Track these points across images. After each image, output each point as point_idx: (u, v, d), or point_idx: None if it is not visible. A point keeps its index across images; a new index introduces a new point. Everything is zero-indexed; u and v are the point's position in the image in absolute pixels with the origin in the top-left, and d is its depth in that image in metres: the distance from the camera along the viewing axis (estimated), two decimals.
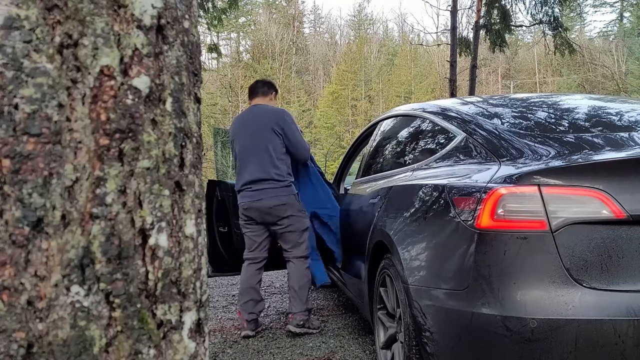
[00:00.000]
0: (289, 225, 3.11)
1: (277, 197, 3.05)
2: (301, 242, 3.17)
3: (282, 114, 3.18)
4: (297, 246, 3.16)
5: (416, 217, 2.00)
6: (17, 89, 0.52)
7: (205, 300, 0.68)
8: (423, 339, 1.80)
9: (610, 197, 1.48)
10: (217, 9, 9.75)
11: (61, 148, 0.54)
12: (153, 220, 0.59)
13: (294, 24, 46.47)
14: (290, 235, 3.14)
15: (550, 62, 38.38)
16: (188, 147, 0.65)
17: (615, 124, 2.08)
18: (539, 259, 1.50)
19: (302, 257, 3.17)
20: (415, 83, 40.45)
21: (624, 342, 1.41)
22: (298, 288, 3.12)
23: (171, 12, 0.63)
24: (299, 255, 3.16)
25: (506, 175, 1.62)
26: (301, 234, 3.17)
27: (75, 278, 0.54)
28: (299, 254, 3.16)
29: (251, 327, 3.10)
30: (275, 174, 3.05)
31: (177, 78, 0.64)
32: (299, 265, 3.16)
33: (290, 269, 3.19)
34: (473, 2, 12.08)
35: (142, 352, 0.58)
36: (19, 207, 0.52)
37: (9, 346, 0.51)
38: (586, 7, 38.86)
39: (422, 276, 1.84)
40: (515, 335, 1.47)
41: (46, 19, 0.53)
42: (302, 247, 3.17)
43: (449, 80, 10.72)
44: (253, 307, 3.14)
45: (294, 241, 3.15)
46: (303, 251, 3.18)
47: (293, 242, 3.15)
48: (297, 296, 3.12)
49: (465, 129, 2.13)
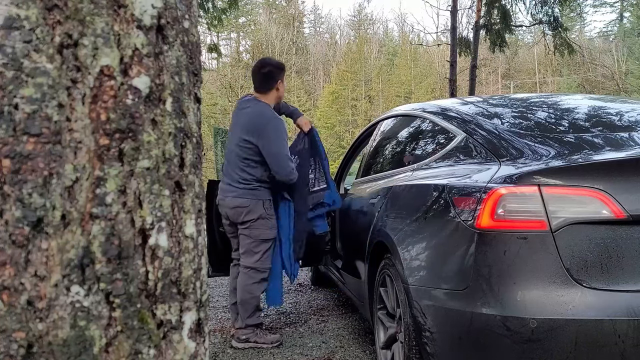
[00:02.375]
0: (246, 229, 2.89)
1: (239, 199, 2.85)
2: (256, 251, 2.90)
3: (265, 126, 2.82)
4: (249, 254, 2.90)
5: (416, 217, 2.00)
6: (17, 89, 0.52)
7: (205, 300, 0.68)
8: (423, 339, 1.80)
9: (610, 197, 1.48)
10: (217, 9, 9.76)
11: (61, 148, 0.54)
12: (153, 220, 0.59)
13: (294, 24, 46.46)
14: (244, 240, 2.91)
15: (550, 62, 38.37)
16: (188, 147, 0.65)
17: (615, 124, 2.08)
18: (539, 259, 1.50)
19: (250, 268, 2.91)
20: (415, 83, 40.45)
21: (624, 342, 1.41)
22: (240, 302, 2.91)
23: (171, 12, 0.63)
24: (247, 265, 2.91)
25: (506, 175, 1.62)
26: (258, 244, 2.90)
27: (75, 278, 0.54)
28: (248, 263, 2.90)
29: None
30: (241, 178, 2.87)
31: (177, 78, 0.64)
32: (244, 277, 2.91)
33: (238, 279, 2.96)
34: (473, 2, 12.08)
35: (142, 352, 0.58)
36: (19, 207, 0.52)
37: (9, 346, 0.51)
38: (586, 7, 38.88)
39: (422, 276, 1.84)
40: (515, 335, 1.47)
41: (46, 19, 0.53)
42: (255, 258, 2.90)
43: (449, 80, 10.73)
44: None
45: (246, 248, 2.90)
46: (254, 262, 2.90)
47: (245, 248, 2.91)
48: (240, 310, 2.93)
49: (466, 129, 2.13)
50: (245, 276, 2.91)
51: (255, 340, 2.89)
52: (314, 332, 3.19)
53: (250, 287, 2.90)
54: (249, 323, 2.90)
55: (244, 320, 2.90)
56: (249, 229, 2.89)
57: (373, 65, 42.85)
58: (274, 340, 2.92)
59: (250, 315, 2.90)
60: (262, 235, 2.90)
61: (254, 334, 2.90)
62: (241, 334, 2.89)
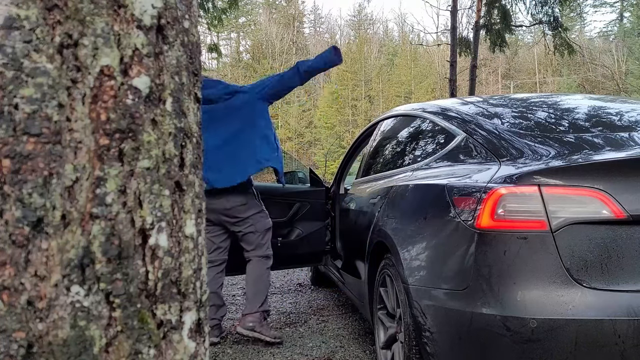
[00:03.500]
0: (250, 226, 2.96)
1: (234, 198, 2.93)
2: (263, 242, 3.01)
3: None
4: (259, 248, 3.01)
5: (416, 217, 2.00)
6: (17, 89, 0.52)
7: (205, 300, 0.68)
8: (423, 339, 1.80)
9: (610, 197, 1.48)
10: (217, 9, 9.76)
11: (61, 148, 0.54)
12: (153, 220, 0.59)
13: (294, 24, 46.45)
14: (251, 237, 2.99)
15: (550, 62, 38.37)
16: (188, 147, 0.65)
17: (615, 124, 2.07)
18: (539, 259, 1.50)
19: (263, 256, 3.02)
20: (415, 83, 40.44)
21: (624, 342, 1.41)
22: (255, 292, 2.97)
23: (171, 12, 0.63)
24: (259, 255, 3.01)
25: (506, 175, 1.62)
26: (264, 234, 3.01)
27: (75, 278, 0.54)
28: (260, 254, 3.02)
29: (215, 333, 2.95)
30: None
31: (177, 78, 0.64)
32: (259, 265, 3.01)
33: (251, 270, 3.03)
34: (473, 2, 12.09)
35: (142, 352, 0.58)
36: (19, 207, 0.52)
37: (9, 346, 0.51)
38: (586, 7, 38.89)
39: (422, 276, 1.84)
40: (515, 335, 1.47)
41: (46, 19, 0.53)
42: (264, 249, 3.02)
43: (449, 80, 10.73)
44: (214, 313, 2.96)
45: (256, 243, 3.00)
46: (265, 251, 3.02)
47: (255, 244, 3.01)
48: (251, 296, 2.98)
49: (466, 129, 2.13)
50: (258, 262, 3.01)
51: (260, 332, 2.90)
52: (314, 332, 3.19)
53: (264, 273, 3.01)
54: (263, 309, 2.96)
55: (257, 308, 2.93)
56: (253, 225, 2.96)
57: (373, 65, 42.84)
58: (277, 336, 2.95)
59: (263, 302, 2.97)
60: (266, 225, 3.02)
61: (259, 324, 2.91)
62: (248, 321, 2.91)
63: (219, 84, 3.02)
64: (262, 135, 2.90)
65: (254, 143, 2.87)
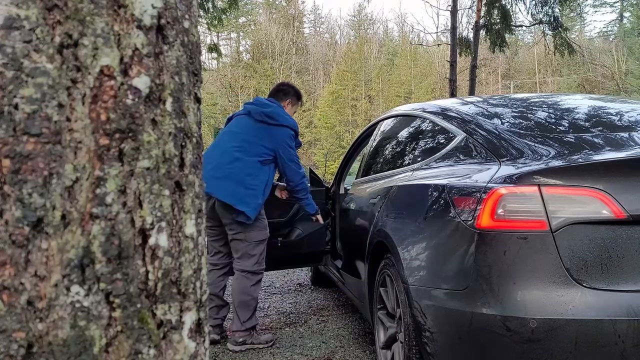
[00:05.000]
0: (240, 233, 2.89)
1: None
2: (252, 254, 2.91)
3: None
4: (245, 258, 2.92)
5: (416, 217, 2.00)
6: (17, 89, 0.52)
7: (205, 300, 0.68)
8: (423, 339, 1.80)
9: (610, 197, 1.48)
10: (217, 9, 9.77)
11: (61, 148, 0.54)
12: (153, 220, 0.59)
13: (294, 24, 46.45)
14: (239, 244, 2.91)
15: (550, 62, 38.38)
16: (188, 147, 0.65)
17: (615, 124, 2.07)
18: (539, 259, 1.50)
19: (248, 271, 2.92)
20: (415, 83, 40.45)
21: (624, 342, 1.41)
22: (238, 305, 2.92)
23: (171, 12, 0.63)
24: (244, 269, 2.92)
25: (506, 175, 1.62)
26: (254, 246, 2.91)
27: (75, 278, 0.54)
28: (245, 267, 2.92)
29: (216, 331, 3.00)
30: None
31: (177, 78, 0.64)
32: (242, 281, 2.92)
33: (235, 283, 2.97)
34: (473, 2, 12.08)
35: (142, 352, 0.58)
36: (19, 207, 0.52)
37: (9, 346, 0.51)
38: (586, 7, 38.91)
39: (422, 276, 1.84)
40: (515, 335, 1.47)
41: (46, 19, 0.53)
42: (252, 261, 2.91)
43: (449, 80, 10.73)
44: (216, 313, 3.01)
45: (243, 251, 2.92)
46: (252, 266, 2.91)
47: (242, 252, 2.92)
48: (236, 313, 2.94)
49: (466, 129, 2.13)
50: (243, 279, 2.92)
51: (252, 342, 2.91)
52: (314, 332, 3.19)
53: (249, 290, 2.92)
54: (248, 326, 2.91)
55: (242, 323, 2.91)
56: (244, 232, 2.88)
57: (373, 65, 42.86)
58: (268, 339, 2.95)
59: (249, 318, 2.92)
60: (258, 237, 2.92)
61: (249, 336, 2.92)
62: (238, 337, 2.91)
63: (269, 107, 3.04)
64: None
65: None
